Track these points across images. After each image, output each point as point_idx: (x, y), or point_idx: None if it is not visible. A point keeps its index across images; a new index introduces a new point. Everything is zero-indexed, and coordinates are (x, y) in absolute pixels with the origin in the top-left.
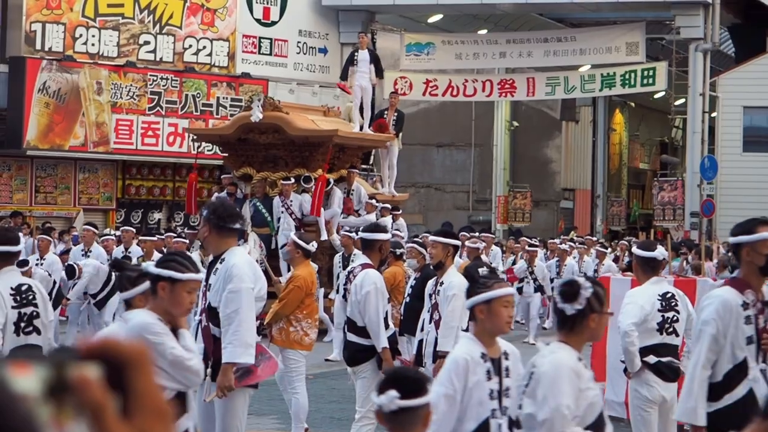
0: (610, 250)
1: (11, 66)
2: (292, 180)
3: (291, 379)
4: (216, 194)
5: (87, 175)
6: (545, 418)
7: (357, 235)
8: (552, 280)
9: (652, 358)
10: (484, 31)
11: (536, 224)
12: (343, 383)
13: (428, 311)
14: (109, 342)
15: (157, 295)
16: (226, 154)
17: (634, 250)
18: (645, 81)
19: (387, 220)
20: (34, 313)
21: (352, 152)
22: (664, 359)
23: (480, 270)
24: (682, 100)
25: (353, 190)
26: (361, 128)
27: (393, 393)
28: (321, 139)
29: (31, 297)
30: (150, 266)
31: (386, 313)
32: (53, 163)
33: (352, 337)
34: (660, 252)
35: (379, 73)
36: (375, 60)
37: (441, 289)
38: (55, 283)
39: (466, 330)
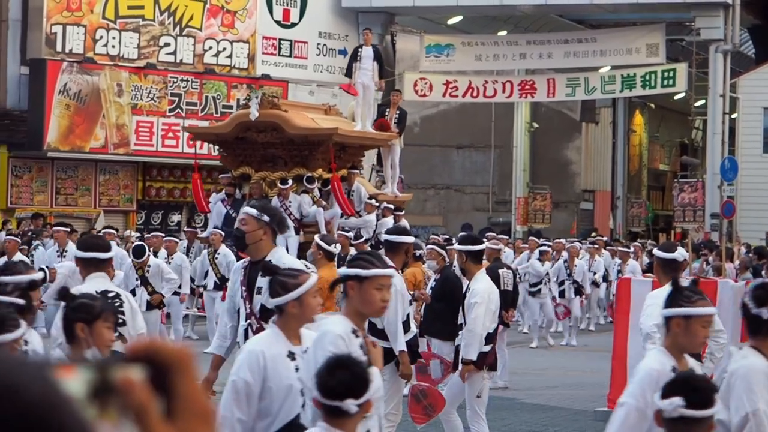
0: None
1: (32, 68)
2: (290, 182)
3: None
4: (214, 194)
5: (107, 176)
6: (740, 423)
7: (350, 234)
8: (562, 282)
9: None
10: (504, 33)
11: (556, 226)
12: None
13: (462, 316)
14: (153, 344)
15: (348, 295)
16: (224, 154)
17: (655, 251)
18: (665, 82)
19: (388, 221)
20: (120, 321)
21: (354, 152)
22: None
23: (685, 281)
24: (702, 101)
25: (354, 191)
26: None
27: (677, 400)
28: (320, 137)
29: (117, 304)
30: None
31: (407, 315)
32: (74, 165)
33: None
34: (680, 253)
35: (383, 73)
36: (379, 58)
37: (468, 295)
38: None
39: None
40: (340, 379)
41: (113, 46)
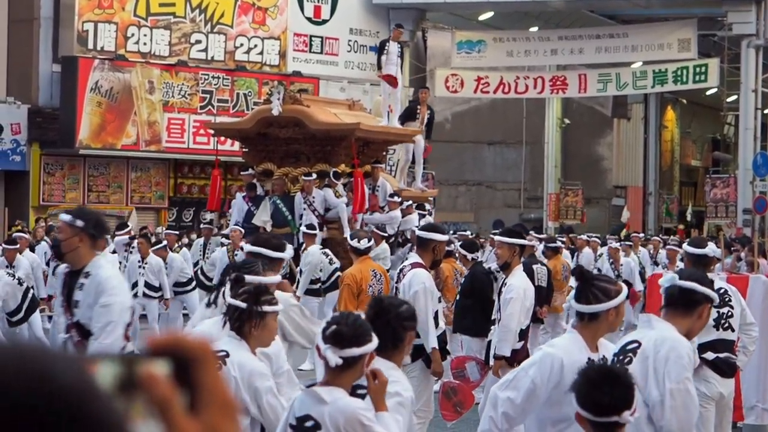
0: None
1: (64, 66)
2: (314, 176)
3: None
4: (237, 192)
5: (139, 173)
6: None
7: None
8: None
9: (710, 355)
10: (535, 29)
11: (588, 222)
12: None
13: (497, 312)
14: (175, 338)
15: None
16: (246, 150)
17: (685, 246)
18: (697, 77)
19: (413, 218)
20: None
21: (377, 147)
22: (721, 355)
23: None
24: (734, 97)
25: (378, 186)
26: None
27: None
28: (342, 132)
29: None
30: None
31: (436, 312)
32: (106, 162)
33: None
34: (711, 249)
35: (401, 70)
36: (403, 57)
37: (504, 290)
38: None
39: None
40: (615, 395)
41: (144, 44)
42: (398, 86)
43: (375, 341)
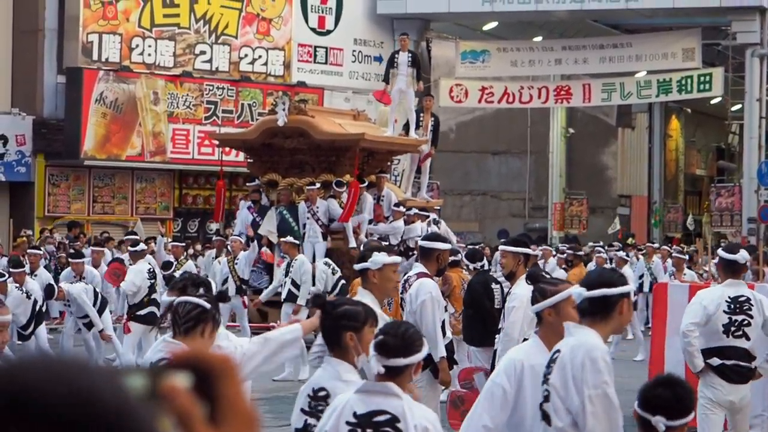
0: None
1: (68, 77)
2: (318, 185)
3: None
4: (241, 201)
5: (144, 184)
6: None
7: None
8: None
9: (715, 361)
10: (539, 38)
11: (592, 231)
12: None
13: (503, 321)
14: (197, 351)
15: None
16: (251, 160)
17: (719, 252)
18: (701, 87)
19: (416, 227)
20: None
21: (382, 157)
22: (728, 362)
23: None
24: (739, 106)
25: (383, 196)
26: (407, 132)
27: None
28: (347, 143)
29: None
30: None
31: (443, 321)
32: (110, 173)
33: None
34: (742, 255)
35: (419, 77)
36: (416, 63)
37: (508, 299)
38: (36, 302)
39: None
40: (660, 395)
41: (149, 55)
42: (410, 97)
43: (424, 350)
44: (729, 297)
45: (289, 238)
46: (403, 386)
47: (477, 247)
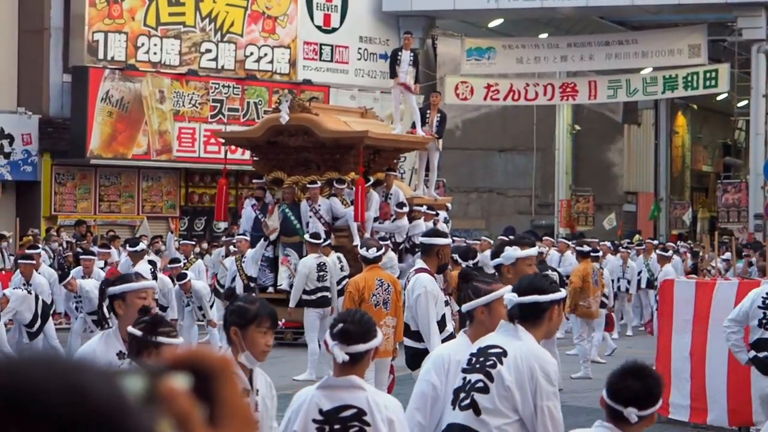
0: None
1: (74, 76)
2: (319, 183)
3: None
4: (246, 199)
5: (150, 183)
6: None
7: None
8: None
9: (752, 353)
10: (544, 35)
11: (599, 228)
12: (408, 388)
13: None
14: (195, 352)
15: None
16: (256, 158)
17: None
18: (707, 83)
19: (420, 224)
20: None
21: (389, 154)
22: (760, 354)
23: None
24: (745, 102)
25: (391, 194)
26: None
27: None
28: (351, 140)
29: None
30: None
31: (443, 315)
32: (117, 172)
33: (408, 342)
34: None
35: (418, 78)
36: (416, 64)
37: None
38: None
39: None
40: (630, 387)
41: (155, 53)
42: (413, 93)
43: (379, 337)
44: (765, 293)
45: (308, 238)
46: (362, 374)
47: (470, 244)
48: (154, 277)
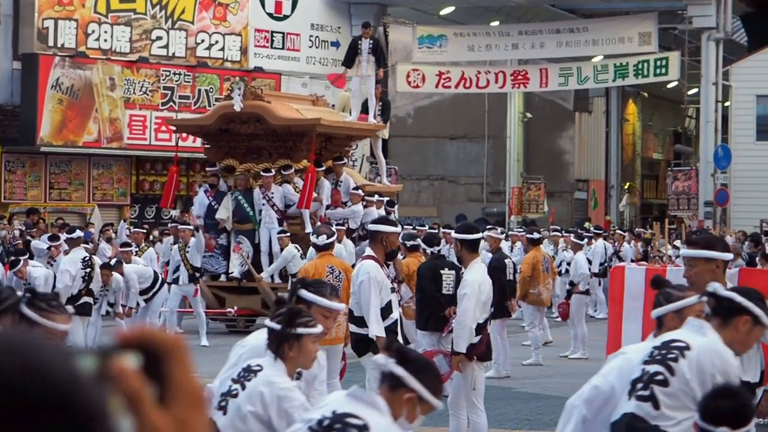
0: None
1: (24, 63)
2: (273, 172)
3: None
4: (199, 186)
5: (101, 170)
6: None
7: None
8: (560, 273)
9: None
10: (496, 23)
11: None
12: (359, 375)
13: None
14: (146, 332)
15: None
16: (208, 146)
17: None
18: (658, 71)
19: (373, 211)
20: None
21: (340, 142)
22: None
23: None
24: (695, 90)
25: (341, 182)
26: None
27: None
28: (304, 128)
29: None
30: None
31: (389, 302)
32: (67, 160)
33: (353, 328)
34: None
35: (380, 63)
36: (377, 50)
37: (460, 286)
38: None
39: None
40: (720, 407)
41: (105, 40)
42: (345, 85)
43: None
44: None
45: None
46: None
47: (434, 231)
48: (88, 266)
